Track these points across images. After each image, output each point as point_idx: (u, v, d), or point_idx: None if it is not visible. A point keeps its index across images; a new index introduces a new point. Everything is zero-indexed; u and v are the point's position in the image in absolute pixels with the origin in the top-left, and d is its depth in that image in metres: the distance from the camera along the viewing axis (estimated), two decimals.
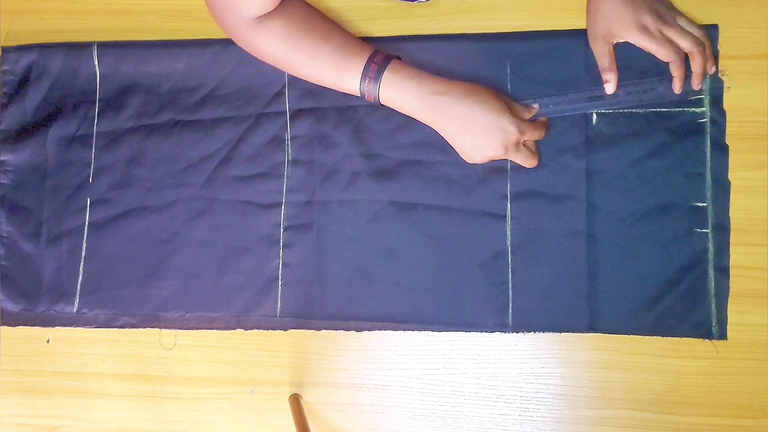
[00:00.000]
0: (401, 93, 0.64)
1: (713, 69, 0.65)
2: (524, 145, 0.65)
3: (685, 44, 0.63)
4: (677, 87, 0.64)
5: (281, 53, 0.65)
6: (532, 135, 0.65)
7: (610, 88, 0.66)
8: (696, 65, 0.64)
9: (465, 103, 0.63)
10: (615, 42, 0.65)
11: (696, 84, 0.65)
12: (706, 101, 0.66)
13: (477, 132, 0.63)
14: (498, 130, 0.63)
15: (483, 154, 0.64)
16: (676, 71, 0.64)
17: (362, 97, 0.65)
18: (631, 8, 0.63)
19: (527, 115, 0.66)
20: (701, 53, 0.63)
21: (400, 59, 0.66)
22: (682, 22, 0.64)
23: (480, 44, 0.69)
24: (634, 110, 0.67)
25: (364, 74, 0.64)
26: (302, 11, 0.66)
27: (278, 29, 0.64)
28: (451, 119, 0.63)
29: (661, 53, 0.63)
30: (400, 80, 0.63)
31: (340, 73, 0.64)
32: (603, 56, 0.65)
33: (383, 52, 0.65)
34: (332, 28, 0.66)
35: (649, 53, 0.64)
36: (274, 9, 0.65)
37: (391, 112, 0.68)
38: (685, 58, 0.64)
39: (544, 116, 0.67)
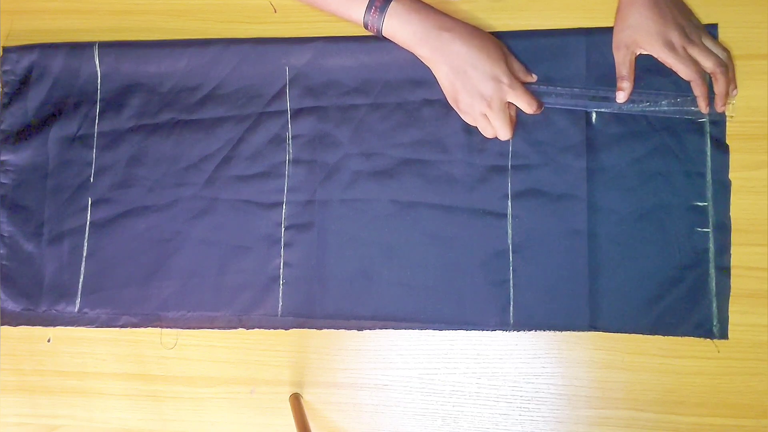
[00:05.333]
0: (404, 25, 0.63)
1: (735, 92, 0.65)
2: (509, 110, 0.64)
3: (708, 65, 0.63)
4: (702, 106, 0.64)
5: None
6: (521, 97, 0.63)
7: (621, 96, 0.65)
8: (719, 87, 0.63)
9: (465, 44, 0.62)
10: (638, 53, 0.64)
11: (719, 106, 0.64)
12: None
13: (470, 75, 0.62)
14: (491, 78, 0.62)
15: (468, 101, 0.63)
16: (698, 90, 0.63)
17: (365, 27, 0.64)
18: (659, 22, 0.62)
19: (523, 77, 0.65)
20: (724, 75, 0.63)
21: None
22: (708, 43, 0.64)
23: None
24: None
25: (371, 4, 0.63)
26: None
27: None
28: (448, 57, 0.62)
29: (683, 71, 0.63)
30: (406, 12, 0.63)
31: (345, 1, 0.64)
32: (623, 64, 0.65)
33: None
34: None
35: (671, 69, 0.64)
36: None
37: (392, 111, 0.68)
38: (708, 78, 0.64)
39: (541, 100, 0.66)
